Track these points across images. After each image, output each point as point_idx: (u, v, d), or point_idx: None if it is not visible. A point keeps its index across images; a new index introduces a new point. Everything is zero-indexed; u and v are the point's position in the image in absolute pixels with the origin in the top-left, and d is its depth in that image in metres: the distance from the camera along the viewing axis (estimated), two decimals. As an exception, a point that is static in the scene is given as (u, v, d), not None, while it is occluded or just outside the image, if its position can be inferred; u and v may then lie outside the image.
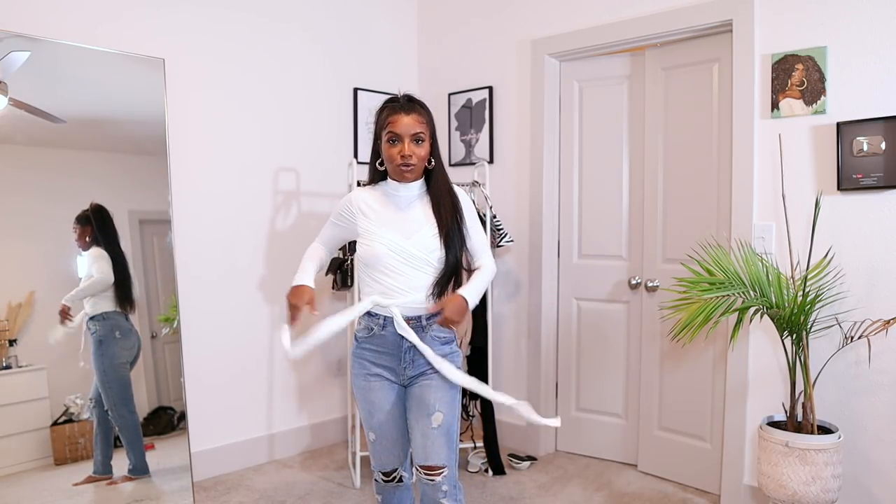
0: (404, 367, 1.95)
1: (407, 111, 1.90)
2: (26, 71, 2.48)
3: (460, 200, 2.00)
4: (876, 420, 2.48)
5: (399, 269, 1.91)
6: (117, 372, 2.71)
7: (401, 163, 1.90)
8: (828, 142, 2.54)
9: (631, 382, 3.32)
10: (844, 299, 2.50)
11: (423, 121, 1.91)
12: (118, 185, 2.76)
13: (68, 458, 2.59)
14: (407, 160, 1.89)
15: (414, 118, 1.89)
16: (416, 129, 1.89)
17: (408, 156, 1.88)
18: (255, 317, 3.35)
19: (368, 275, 1.96)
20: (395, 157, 1.90)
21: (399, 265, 1.91)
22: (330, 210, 3.59)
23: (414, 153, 1.89)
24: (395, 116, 1.89)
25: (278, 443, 3.45)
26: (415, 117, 1.90)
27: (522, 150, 3.54)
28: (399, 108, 1.91)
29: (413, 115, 1.90)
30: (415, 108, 1.91)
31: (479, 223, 2.08)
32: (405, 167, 1.90)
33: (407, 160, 1.89)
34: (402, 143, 1.89)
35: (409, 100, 1.95)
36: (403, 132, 1.88)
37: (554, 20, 3.38)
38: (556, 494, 2.98)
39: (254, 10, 3.29)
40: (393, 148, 1.90)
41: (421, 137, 1.91)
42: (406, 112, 1.89)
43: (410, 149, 1.88)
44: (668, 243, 3.11)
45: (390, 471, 2.01)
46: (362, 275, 1.99)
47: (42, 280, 2.56)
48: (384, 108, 1.95)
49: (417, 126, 1.89)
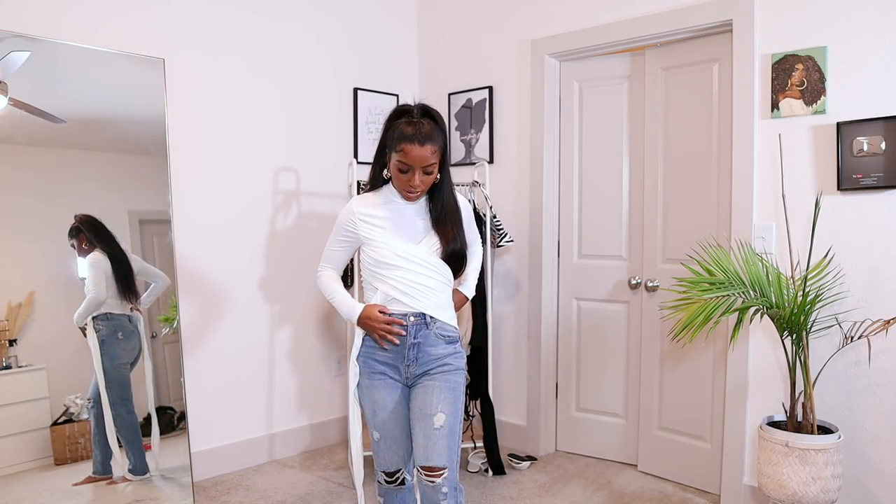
0: (408, 366, 1.96)
1: (422, 142, 1.82)
2: (26, 71, 2.48)
3: (462, 211, 2.03)
4: (876, 420, 2.48)
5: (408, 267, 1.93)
6: (117, 372, 2.71)
7: (408, 190, 1.91)
8: (828, 142, 2.54)
9: (631, 382, 3.32)
10: (844, 299, 2.50)
11: (435, 149, 1.86)
12: (118, 185, 2.75)
13: (68, 458, 2.59)
14: (414, 189, 1.90)
15: (428, 150, 1.83)
16: (427, 161, 1.85)
17: (416, 185, 1.88)
18: (255, 317, 3.35)
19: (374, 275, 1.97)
20: (403, 183, 1.90)
21: (408, 265, 1.93)
22: (330, 210, 3.60)
23: (423, 182, 1.89)
24: (408, 146, 1.83)
25: (278, 443, 3.45)
26: (429, 148, 1.84)
27: (522, 150, 3.54)
28: (413, 138, 1.82)
29: (427, 145, 1.83)
30: (430, 138, 1.83)
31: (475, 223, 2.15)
32: (412, 192, 1.91)
33: (414, 189, 1.90)
34: (412, 173, 1.87)
35: (424, 113, 1.89)
36: (415, 164, 1.85)
37: (554, 20, 3.38)
38: (556, 494, 2.98)
39: (254, 10, 3.29)
40: (402, 175, 1.88)
41: (431, 170, 1.88)
42: (420, 143, 1.82)
43: (420, 179, 1.87)
44: (668, 243, 3.11)
45: (394, 471, 2.01)
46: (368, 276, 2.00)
47: (42, 280, 2.56)
48: (397, 126, 1.87)
49: (430, 157, 1.85)
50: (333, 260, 2.09)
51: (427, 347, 1.95)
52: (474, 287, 2.20)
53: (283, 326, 3.47)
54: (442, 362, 1.96)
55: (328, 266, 2.10)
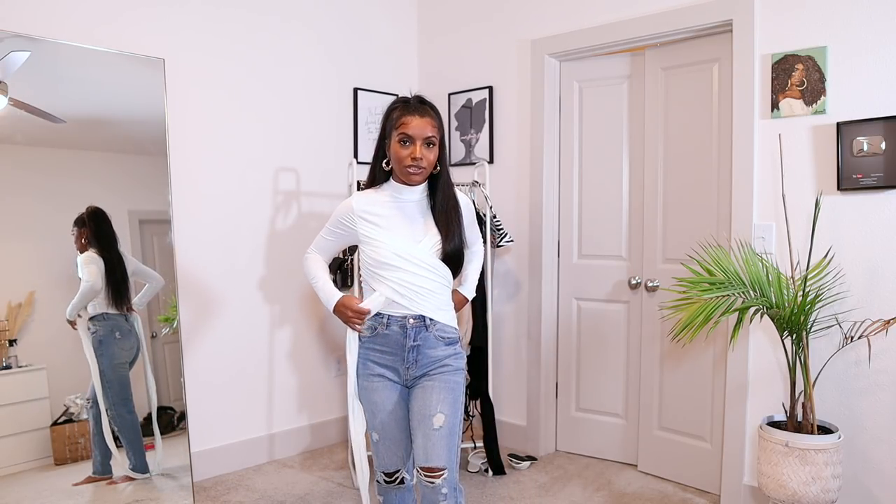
0: (407, 367, 1.96)
1: (421, 114, 1.88)
2: (26, 71, 2.48)
3: (462, 208, 2.03)
4: (876, 420, 2.48)
5: (407, 269, 1.92)
6: (116, 372, 2.71)
7: (411, 164, 1.89)
8: (828, 142, 2.54)
9: (631, 382, 3.32)
10: (844, 299, 2.50)
11: (435, 125, 1.91)
12: (118, 186, 2.76)
13: (68, 458, 2.59)
14: (418, 163, 1.89)
15: (427, 121, 1.89)
16: (428, 132, 1.88)
17: (419, 158, 1.88)
18: (255, 317, 3.35)
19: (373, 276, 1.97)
20: (405, 158, 1.89)
21: (407, 266, 1.92)
22: (330, 211, 3.59)
23: (424, 156, 1.89)
24: (408, 117, 1.88)
25: (278, 443, 3.45)
26: (428, 120, 1.89)
27: (522, 150, 3.54)
28: (413, 110, 1.89)
29: (426, 118, 1.89)
30: (428, 112, 1.90)
31: (476, 223, 2.14)
32: (415, 169, 1.90)
33: (418, 163, 1.89)
34: (413, 145, 1.88)
35: (421, 101, 1.94)
36: (416, 134, 1.87)
37: (554, 20, 3.38)
38: (556, 494, 2.98)
39: (254, 10, 3.29)
40: (404, 149, 1.89)
41: (432, 141, 1.90)
42: (420, 115, 1.88)
43: (422, 152, 1.88)
44: (668, 243, 3.11)
45: (393, 471, 2.01)
46: (367, 276, 1.99)
47: (42, 280, 2.56)
48: (395, 108, 1.93)
49: (430, 129, 1.89)
50: (323, 247, 2.11)
51: (427, 350, 1.95)
52: (475, 288, 2.19)
53: (283, 326, 3.47)
54: (442, 363, 1.95)
55: (316, 251, 2.11)
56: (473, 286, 2.19)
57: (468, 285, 2.18)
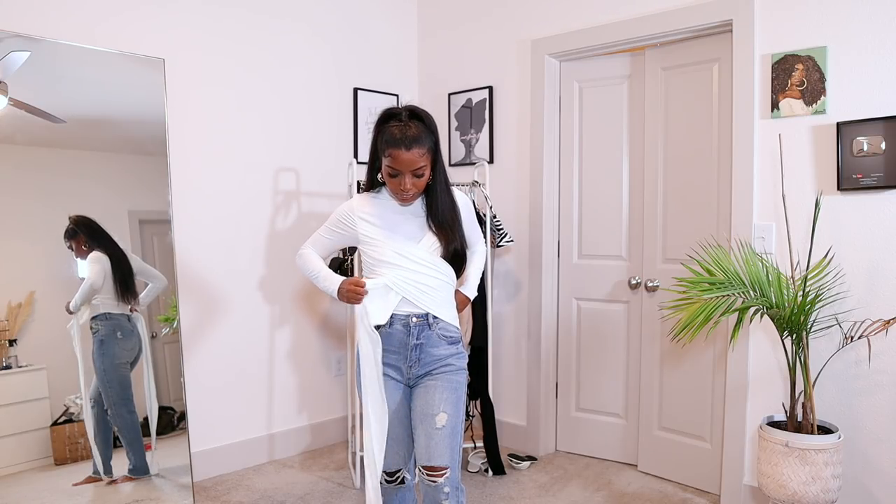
0: (410, 366, 1.96)
1: (408, 146, 1.82)
2: (26, 71, 2.47)
3: (461, 208, 2.02)
4: (876, 420, 2.48)
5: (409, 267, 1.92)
6: (117, 372, 2.71)
7: (400, 194, 1.90)
8: (828, 142, 2.54)
9: (631, 382, 3.32)
10: (844, 299, 2.50)
11: (424, 152, 1.85)
12: (118, 185, 2.75)
13: (68, 458, 2.59)
14: (406, 192, 1.89)
15: (415, 153, 1.83)
16: (416, 164, 1.85)
17: (407, 189, 1.88)
18: (255, 317, 3.35)
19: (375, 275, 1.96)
20: (394, 187, 1.90)
21: (408, 264, 1.92)
22: (330, 211, 3.60)
23: (413, 185, 1.88)
24: (396, 151, 1.83)
25: (278, 443, 3.45)
26: (415, 152, 1.83)
27: (522, 150, 3.54)
28: (400, 142, 1.82)
29: (414, 150, 1.83)
30: (417, 141, 1.83)
31: (477, 222, 2.14)
32: (404, 195, 1.90)
33: (406, 192, 1.89)
34: (402, 177, 1.87)
35: (412, 116, 1.88)
36: (404, 169, 1.85)
37: (554, 20, 3.38)
38: (555, 494, 2.98)
39: (254, 10, 3.29)
40: (393, 179, 1.89)
41: (421, 173, 1.88)
42: (407, 148, 1.82)
43: (410, 182, 1.87)
44: (668, 243, 3.11)
45: (394, 471, 2.01)
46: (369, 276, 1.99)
47: (42, 280, 2.56)
48: (385, 128, 1.88)
49: (418, 161, 1.85)
50: (320, 244, 2.09)
51: (429, 348, 1.95)
52: (476, 288, 2.19)
53: (283, 326, 3.47)
54: (444, 363, 1.96)
55: (311, 248, 2.09)
56: (475, 286, 2.18)
57: (470, 285, 2.17)
